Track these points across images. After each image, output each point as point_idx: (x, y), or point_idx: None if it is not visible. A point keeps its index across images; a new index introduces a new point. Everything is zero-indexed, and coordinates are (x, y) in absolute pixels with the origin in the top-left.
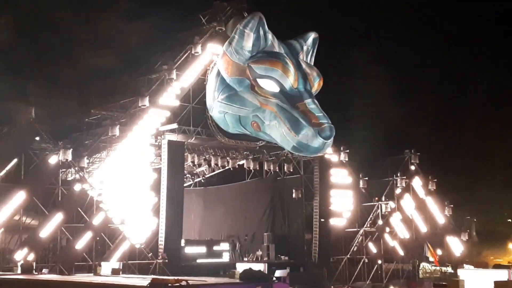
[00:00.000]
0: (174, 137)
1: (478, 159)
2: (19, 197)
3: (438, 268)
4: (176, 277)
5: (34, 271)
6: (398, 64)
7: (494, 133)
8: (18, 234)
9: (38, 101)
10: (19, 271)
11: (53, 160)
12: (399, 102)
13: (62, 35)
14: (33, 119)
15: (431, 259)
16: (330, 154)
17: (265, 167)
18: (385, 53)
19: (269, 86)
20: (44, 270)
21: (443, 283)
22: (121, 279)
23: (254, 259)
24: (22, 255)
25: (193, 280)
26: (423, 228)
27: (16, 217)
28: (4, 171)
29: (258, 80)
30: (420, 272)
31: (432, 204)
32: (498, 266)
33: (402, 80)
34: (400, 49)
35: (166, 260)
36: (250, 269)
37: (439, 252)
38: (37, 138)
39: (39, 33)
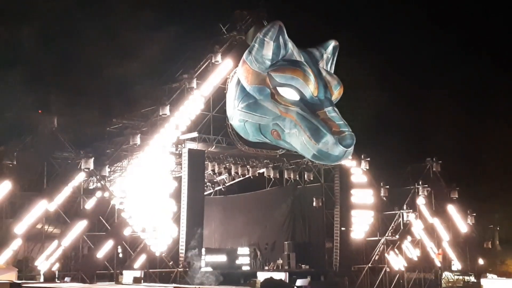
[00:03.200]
0: (195, 146)
1: (501, 167)
2: (42, 205)
3: (460, 277)
4: (197, 286)
5: (56, 279)
6: (419, 72)
7: None
8: (40, 243)
9: (60, 110)
10: (41, 279)
11: (75, 169)
12: (421, 109)
13: (84, 45)
14: (55, 128)
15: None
16: (350, 162)
17: (285, 176)
18: (406, 61)
19: (289, 94)
20: (66, 279)
21: None
22: None
23: (274, 268)
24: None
25: None
26: (445, 237)
27: (39, 226)
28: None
29: (278, 88)
30: (442, 282)
31: (454, 213)
32: None
33: (423, 88)
34: (421, 57)
35: (187, 269)
36: (271, 278)
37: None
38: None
39: (61, 43)
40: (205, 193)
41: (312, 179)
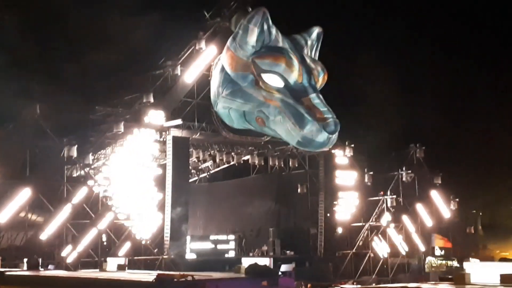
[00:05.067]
0: (179, 133)
1: (483, 153)
2: (25, 194)
3: (443, 262)
4: (181, 273)
5: (40, 267)
6: (403, 59)
7: (500, 127)
8: (23, 231)
9: (43, 97)
10: (25, 267)
11: (58, 156)
12: (404, 96)
13: (66, 32)
14: (38, 115)
15: (438, 251)
16: (335, 149)
17: (270, 163)
18: (390, 49)
19: (274, 81)
20: (50, 266)
21: (449, 276)
22: (126, 275)
23: (259, 254)
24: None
25: (199, 275)
26: (428, 222)
27: (22, 214)
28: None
29: (263, 75)
30: (426, 266)
31: (437, 198)
32: (504, 260)
33: (407, 74)
34: (405, 45)
35: (172, 256)
36: (256, 264)
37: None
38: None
39: (43, 29)
40: (190, 181)
41: (296, 165)
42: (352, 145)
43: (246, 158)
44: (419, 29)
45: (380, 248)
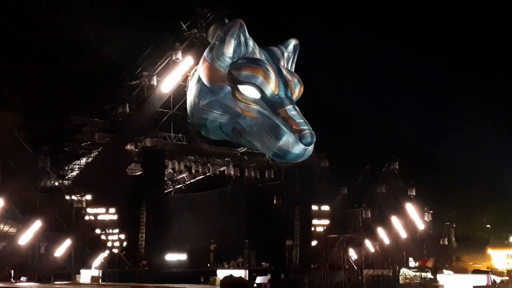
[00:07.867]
0: (155, 144)
1: (457, 165)
2: None
3: (418, 274)
4: (156, 285)
5: (12, 279)
6: (379, 70)
7: (474, 140)
8: None
9: (17, 107)
10: None
11: (32, 167)
12: (380, 109)
13: (42, 41)
14: (12, 125)
15: (412, 262)
16: (311, 160)
17: (246, 174)
18: (366, 59)
19: (250, 92)
20: (22, 278)
21: None
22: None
23: (235, 266)
24: None
25: (174, 287)
26: (403, 234)
27: None
28: None
29: (239, 86)
30: (400, 278)
31: (412, 210)
32: (477, 271)
33: (382, 86)
34: (381, 55)
35: (146, 268)
36: (231, 275)
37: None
38: None
39: (19, 39)
40: (165, 191)
41: (273, 177)
42: (329, 157)
43: (222, 169)
44: (395, 43)
45: (355, 260)
